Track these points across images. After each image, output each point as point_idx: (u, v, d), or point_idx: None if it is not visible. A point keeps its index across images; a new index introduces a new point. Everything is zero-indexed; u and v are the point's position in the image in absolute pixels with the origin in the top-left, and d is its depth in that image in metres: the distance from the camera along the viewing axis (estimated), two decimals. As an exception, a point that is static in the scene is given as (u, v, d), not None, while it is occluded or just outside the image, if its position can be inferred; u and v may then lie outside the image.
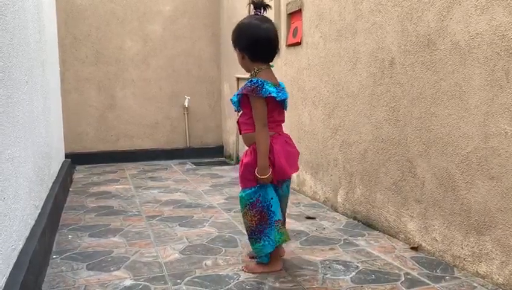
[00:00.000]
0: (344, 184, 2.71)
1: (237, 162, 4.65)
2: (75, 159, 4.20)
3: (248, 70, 1.91)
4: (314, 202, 3.04)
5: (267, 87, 1.76)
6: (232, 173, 4.20)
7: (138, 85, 4.86)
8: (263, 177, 1.79)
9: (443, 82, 1.92)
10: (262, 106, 1.79)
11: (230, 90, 4.77)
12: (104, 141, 4.80)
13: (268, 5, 1.90)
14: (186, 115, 5.02)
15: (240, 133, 1.93)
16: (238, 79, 4.43)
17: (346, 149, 2.67)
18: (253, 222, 1.85)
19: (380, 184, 2.38)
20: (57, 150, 3.25)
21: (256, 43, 1.82)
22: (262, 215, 1.83)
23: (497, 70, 1.66)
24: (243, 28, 1.86)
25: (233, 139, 4.74)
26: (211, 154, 5.10)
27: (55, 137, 3.12)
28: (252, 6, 1.89)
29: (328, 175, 2.89)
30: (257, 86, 1.76)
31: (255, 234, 1.85)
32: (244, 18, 1.91)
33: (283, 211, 1.93)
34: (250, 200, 1.84)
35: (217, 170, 4.39)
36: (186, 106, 4.98)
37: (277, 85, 1.85)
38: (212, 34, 5.04)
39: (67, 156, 3.94)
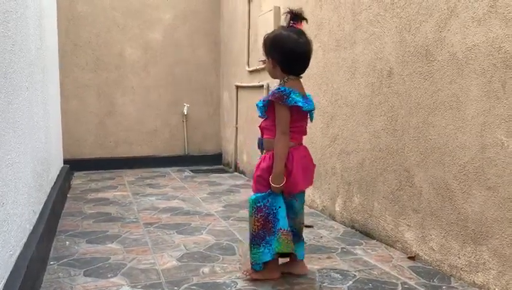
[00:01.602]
0: (342, 193, 2.72)
1: (235, 169, 4.65)
2: (73, 165, 4.20)
3: (275, 78, 1.93)
4: (312, 210, 3.05)
5: (293, 96, 1.79)
6: (230, 180, 4.21)
7: (138, 92, 4.88)
8: (276, 185, 1.81)
9: (441, 92, 1.93)
10: (286, 114, 1.81)
11: (229, 99, 4.79)
12: (102, 147, 4.81)
13: (305, 18, 1.87)
14: (185, 123, 5.04)
15: (262, 137, 1.94)
16: (238, 87, 4.45)
17: (344, 158, 2.68)
18: (256, 227, 1.85)
19: (377, 193, 2.38)
20: (56, 155, 3.26)
21: (292, 58, 1.83)
22: (266, 222, 1.83)
23: (493, 81, 1.67)
24: (280, 40, 1.83)
25: (232, 147, 4.74)
26: (209, 161, 5.11)
27: (54, 143, 3.12)
28: (287, 16, 1.86)
29: (326, 184, 2.90)
30: (284, 94, 1.78)
31: (255, 239, 1.85)
32: (282, 29, 1.87)
33: (297, 227, 1.92)
34: (258, 205, 1.84)
35: (215, 177, 4.39)
36: (185, 113, 5.00)
37: (304, 95, 1.87)
38: (212, 42, 5.07)
39: (65, 162, 3.94)
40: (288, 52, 1.82)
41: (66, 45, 4.53)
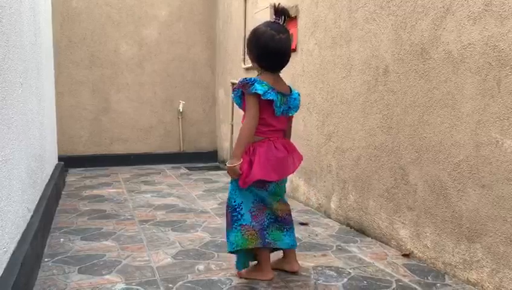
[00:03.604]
0: (337, 190, 2.73)
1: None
2: (68, 162, 4.18)
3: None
4: (307, 208, 3.05)
5: (257, 85, 1.76)
6: (225, 178, 4.20)
7: (133, 89, 4.86)
8: (230, 165, 1.78)
9: (436, 90, 1.94)
10: (252, 102, 1.79)
11: (225, 96, 4.78)
12: (97, 144, 4.79)
13: (289, 14, 1.85)
14: (180, 120, 5.02)
15: None
16: (233, 84, 4.44)
17: (340, 156, 2.68)
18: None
19: (372, 191, 2.39)
20: (50, 152, 3.24)
21: (266, 54, 1.82)
22: (227, 216, 1.87)
23: (488, 79, 1.68)
24: (257, 35, 1.84)
25: (227, 145, 4.74)
26: (204, 159, 5.10)
27: (48, 139, 3.11)
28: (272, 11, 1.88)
29: (322, 181, 2.90)
30: (247, 83, 1.78)
31: None
32: (262, 24, 1.86)
33: (276, 213, 1.87)
34: (228, 200, 1.89)
35: (210, 174, 4.39)
36: (181, 110, 4.98)
37: (281, 91, 1.82)
38: (208, 39, 5.05)
39: (60, 158, 3.92)
40: (263, 47, 1.82)
41: (60, 41, 4.51)
